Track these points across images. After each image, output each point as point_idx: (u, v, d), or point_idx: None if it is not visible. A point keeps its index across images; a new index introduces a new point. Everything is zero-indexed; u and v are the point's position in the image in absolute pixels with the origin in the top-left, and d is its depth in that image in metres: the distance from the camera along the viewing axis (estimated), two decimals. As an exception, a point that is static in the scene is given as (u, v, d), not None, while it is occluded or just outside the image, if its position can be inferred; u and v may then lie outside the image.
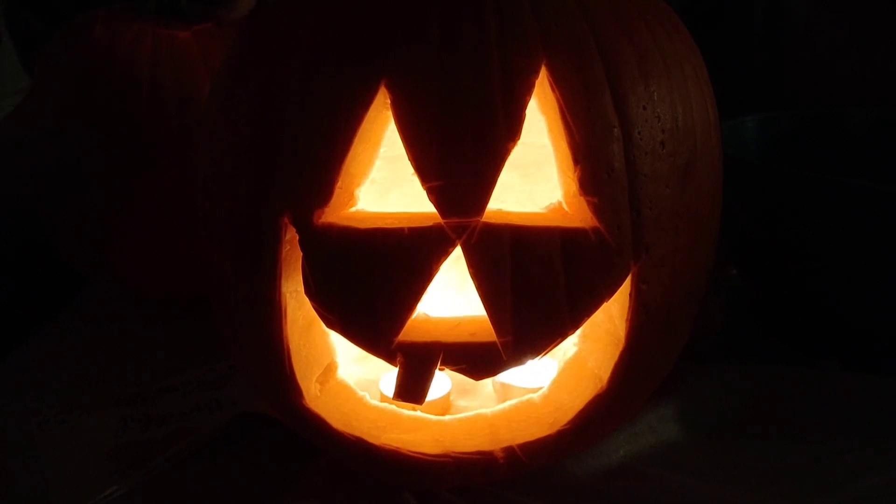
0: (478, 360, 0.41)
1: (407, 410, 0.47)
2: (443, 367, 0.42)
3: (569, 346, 0.47)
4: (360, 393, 0.47)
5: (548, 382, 0.47)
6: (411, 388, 0.42)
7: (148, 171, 0.71)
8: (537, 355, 0.41)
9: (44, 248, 0.86)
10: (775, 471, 0.52)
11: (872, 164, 0.71)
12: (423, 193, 0.43)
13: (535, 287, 0.40)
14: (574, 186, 0.40)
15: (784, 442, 0.54)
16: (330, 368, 0.46)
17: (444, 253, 0.40)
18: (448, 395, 0.51)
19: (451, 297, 0.45)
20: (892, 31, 0.82)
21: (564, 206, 0.42)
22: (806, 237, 0.63)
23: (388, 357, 0.41)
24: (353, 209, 0.43)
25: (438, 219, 0.40)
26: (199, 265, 0.48)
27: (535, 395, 0.47)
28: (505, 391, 0.51)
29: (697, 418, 0.57)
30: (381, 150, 0.43)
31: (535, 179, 0.44)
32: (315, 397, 0.45)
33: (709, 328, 0.64)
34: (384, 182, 0.44)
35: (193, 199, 0.48)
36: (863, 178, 0.60)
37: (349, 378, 0.48)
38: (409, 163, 0.43)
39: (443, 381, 0.51)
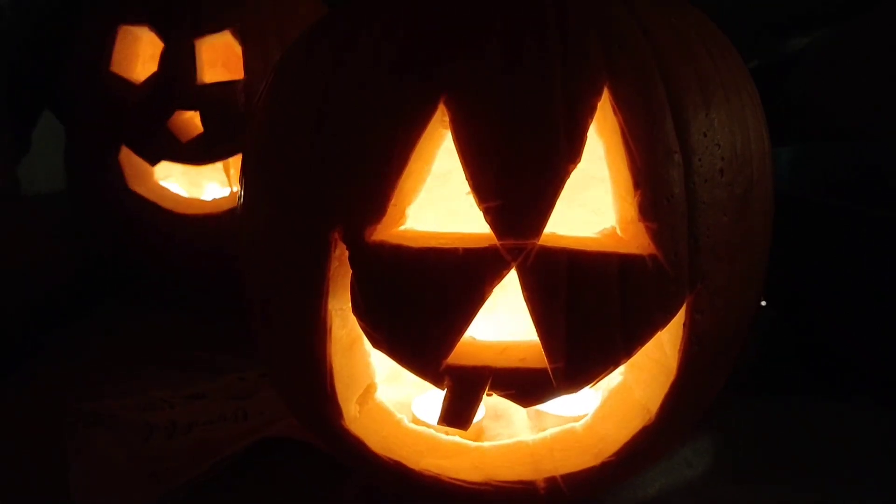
0: (527, 385, 0.40)
1: (445, 435, 0.45)
2: (491, 391, 0.40)
3: (614, 375, 0.46)
4: (399, 416, 0.46)
5: (590, 411, 0.46)
6: (458, 413, 0.40)
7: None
8: (589, 383, 0.40)
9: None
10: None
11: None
12: (454, 214, 0.42)
13: (590, 313, 0.39)
14: (633, 211, 0.39)
15: (820, 479, 0.53)
16: (369, 390, 0.45)
17: (498, 275, 0.39)
18: (481, 420, 0.50)
19: (497, 321, 0.44)
20: None
21: (619, 231, 0.41)
22: (840, 271, 0.62)
23: (436, 380, 0.40)
24: (403, 227, 0.41)
25: (493, 240, 0.38)
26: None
27: (577, 424, 0.46)
28: (540, 419, 0.49)
29: (733, 451, 0.56)
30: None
31: (568, 204, 0.43)
32: (354, 419, 0.44)
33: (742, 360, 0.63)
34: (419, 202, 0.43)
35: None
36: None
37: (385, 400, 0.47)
38: (442, 184, 0.43)
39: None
